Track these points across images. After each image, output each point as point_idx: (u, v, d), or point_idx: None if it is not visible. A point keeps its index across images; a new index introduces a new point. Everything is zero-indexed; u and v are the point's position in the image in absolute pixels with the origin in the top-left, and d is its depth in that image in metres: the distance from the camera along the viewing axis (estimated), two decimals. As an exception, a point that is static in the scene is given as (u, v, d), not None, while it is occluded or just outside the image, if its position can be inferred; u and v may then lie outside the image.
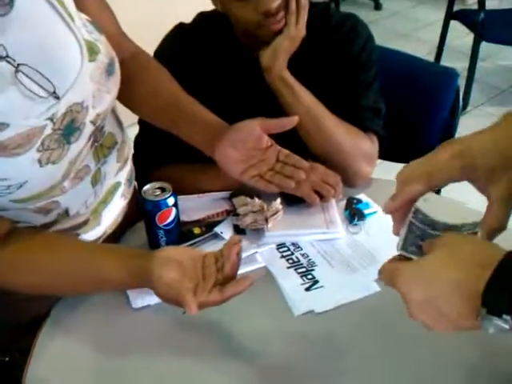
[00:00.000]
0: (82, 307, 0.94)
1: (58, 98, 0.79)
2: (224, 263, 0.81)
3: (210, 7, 1.16)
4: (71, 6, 0.84)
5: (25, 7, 0.76)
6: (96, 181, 0.96)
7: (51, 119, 0.79)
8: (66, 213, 0.93)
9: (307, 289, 0.95)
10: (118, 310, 0.92)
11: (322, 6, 1.23)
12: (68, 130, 0.82)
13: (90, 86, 0.85)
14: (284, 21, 1.09)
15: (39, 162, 0.79)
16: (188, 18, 1.23)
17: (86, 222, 0.98)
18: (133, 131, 1.23)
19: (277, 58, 1.11)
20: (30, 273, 0.86)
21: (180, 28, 1.22)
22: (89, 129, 0.87)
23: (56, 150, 0.81)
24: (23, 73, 0.76)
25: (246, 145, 0.96)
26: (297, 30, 1.09)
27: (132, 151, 1.11)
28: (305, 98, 1.13)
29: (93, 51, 0.85)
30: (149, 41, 1.17)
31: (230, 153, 0.96)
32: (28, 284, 0.87)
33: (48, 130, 0.79)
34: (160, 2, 2.52)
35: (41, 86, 0.78)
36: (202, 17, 1.22)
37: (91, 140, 0.90)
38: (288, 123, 0.94)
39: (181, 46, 1.19)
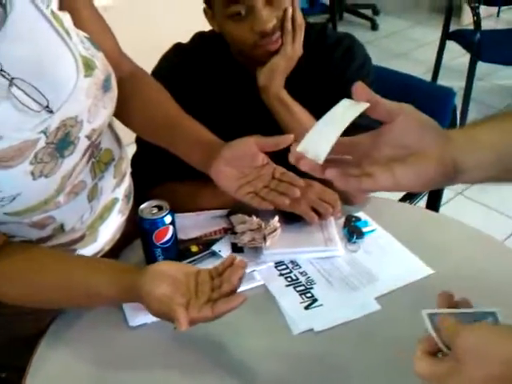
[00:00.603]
0: (78, 324, 0.93)
1: (51, 111, 0.80)
2: (222, 283, 0.80)
3: (208, 27, 1.17)
4: (68, 22, 0.85)
5: (19, 21, 0.77)
6: (92, 196, 0.96)
7: (44, 132, 0.79)
8: (62, 228, 0.93)
9: (306, 307, 0.94)
10: (115, 327, 0.92)
11: (319, 26, 1.24)
12: (61, 143, 0.82)
13: (86, 101, 0.85)
14: (280, 41, 1.09)
15: (32, 174, 0.79)
16: (185, 39, 1.24)
17: (82, 238, 0.98)
18: (132, 150, 1.23)
19: (273, 77, 1.11)
20: (20, 284, 0.86)
21: (178, 48, 1.23)
22: (83, 143, 0.87)
23: (49, 164, 0.81)
24: (17, 86, 0.77)
25: (242, 162, 0.96)
26: (293, 50, 1.10)
27: (130, 168, 1.11)
28: (301, 116, 1.13)
29: (89, 67, 0.85)
30: (146, 61, 1.17)
31: (226, 170, 0.96)
32: (20, 295, 0.87)
33: (41, 143, 0.79)
34: (157, 23, 2.55)
35: (34, 100, 0.78)
36: (199, 37, 1.23)
37: (87, 155, 0.90)
38: (283, 142, 0.94)
39: (178, 65, 1.20)
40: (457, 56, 3.48)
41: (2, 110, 0.75)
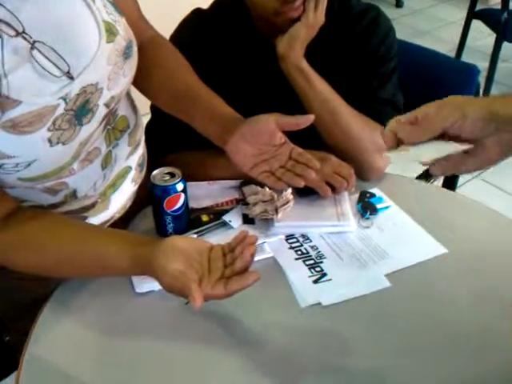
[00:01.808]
0: (84, 290, 0.93)
1: (71, 77, 0.78)
2: (236, 260, 0.79)
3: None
4: None
5: None
6: (106, 164, 0.95)
7: (64, 99, 0.78)
8: (74, 194, 0.92)
9: (315, 281, 0.93)
10: (120, 294, 0.91)
11: (343, -5, 1.20)
12: (80, 111, 0.81)
13: (106, 68, 0.84)
14: (302, 8, 1.07)
15: (49, 141, 0.78)
16: (205, 4, 1.22)
17: (93, 205, 0.97)
18: (147, 120, 1.22)
19: (293, 45, 1.08)
20: (35, 253, 0.85)
21: (197, 13, 1.20)
22: (102, 111, 0.86)
23: (67, 131, 0.80)
24: (38, 50, 0.75)
25: (259, 139, 0.94)
26: (315, 18, 1.07)
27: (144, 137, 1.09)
28: (321, 87, 1.11)
29: (111, 32, 0.83)
30: (165, 26, 1.15)
31: (242, 146, 0.95)
32: (30, 264, 0.85)
33: (60, 110, 0.78)
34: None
35: (55, 65, 0.77)
36: (220, 2, 1.21)
37: (103, 123, 0.89)
38: (303, 122, 0.92)
39: (197, 31, 1.18)
40: (481, 36, 3.40)
41: (23, 74, 0.74)
